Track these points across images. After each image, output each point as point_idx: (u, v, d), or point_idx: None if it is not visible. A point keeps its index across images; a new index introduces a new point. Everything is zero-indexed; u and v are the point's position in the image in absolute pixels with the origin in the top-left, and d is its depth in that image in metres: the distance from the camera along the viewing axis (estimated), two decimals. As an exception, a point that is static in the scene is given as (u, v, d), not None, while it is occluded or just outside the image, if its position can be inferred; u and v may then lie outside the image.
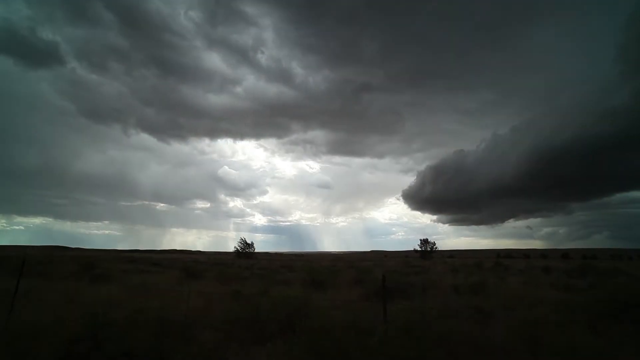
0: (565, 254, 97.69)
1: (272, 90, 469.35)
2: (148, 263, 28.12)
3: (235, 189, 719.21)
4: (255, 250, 73.84)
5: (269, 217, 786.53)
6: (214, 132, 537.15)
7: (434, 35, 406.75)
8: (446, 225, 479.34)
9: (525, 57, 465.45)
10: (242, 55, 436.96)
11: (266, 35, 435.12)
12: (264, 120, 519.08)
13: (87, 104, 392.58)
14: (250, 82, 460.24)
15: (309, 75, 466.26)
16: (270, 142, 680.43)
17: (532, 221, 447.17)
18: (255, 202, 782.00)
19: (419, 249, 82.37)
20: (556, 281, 14.56)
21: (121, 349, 4.54)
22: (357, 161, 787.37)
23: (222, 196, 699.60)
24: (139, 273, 17.55)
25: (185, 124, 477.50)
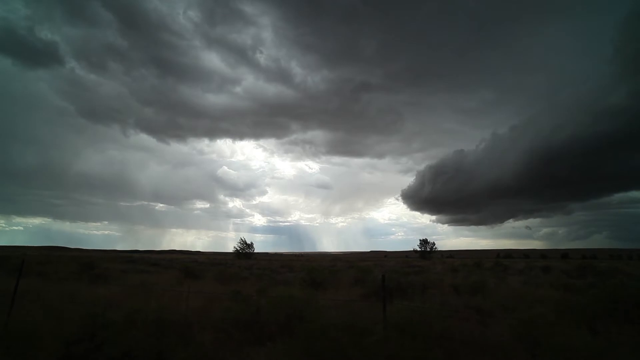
0: (564, 254, 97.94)
1: (271, 90, 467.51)
2: (147, 263, 28.10)
3: (235, 189, 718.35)
4: (255, 251, 73.97)
5: (269, 218, 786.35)
6: (213, 132, 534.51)
7: (433, 34, 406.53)
8: (445, 225, 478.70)
9: (525, 55, 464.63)
10: (241, 55, 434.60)
11: (265, 35, 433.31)
12: (263, 120, 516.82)
13: (85, 104, 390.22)
14: (250, 82, 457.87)
15: (308, 74, 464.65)
16: (270, 142, 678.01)
17: (532, 221, 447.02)
18: (254, 202, 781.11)
19: (419, 249, 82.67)
20: (556, 281, 14.54)
21: (120, 349, 4.54)
22: (356, 161, 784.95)
23: (221, 196, 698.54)
24: (138, 273, 17.53)
25: (185, 124, 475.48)
